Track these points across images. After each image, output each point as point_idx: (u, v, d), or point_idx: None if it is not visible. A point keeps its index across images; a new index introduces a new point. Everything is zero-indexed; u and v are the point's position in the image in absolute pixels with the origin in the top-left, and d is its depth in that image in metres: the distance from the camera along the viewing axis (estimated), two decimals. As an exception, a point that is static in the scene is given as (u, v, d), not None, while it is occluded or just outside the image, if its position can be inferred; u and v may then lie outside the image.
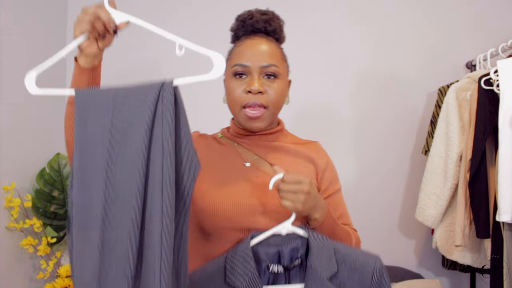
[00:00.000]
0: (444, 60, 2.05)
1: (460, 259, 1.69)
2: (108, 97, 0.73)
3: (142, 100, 0.72)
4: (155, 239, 0.67)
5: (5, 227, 1.65)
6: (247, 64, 0.92)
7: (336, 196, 1.01)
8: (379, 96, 2.08)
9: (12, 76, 1.70)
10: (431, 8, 2.07)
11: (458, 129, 1.67)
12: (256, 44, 0.94)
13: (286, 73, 0.98)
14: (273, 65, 0.92)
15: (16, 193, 1.69)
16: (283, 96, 0.96)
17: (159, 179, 0.69)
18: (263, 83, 0.92)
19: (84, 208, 0.71)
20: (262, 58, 0.92)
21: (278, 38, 1.00)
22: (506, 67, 1.42)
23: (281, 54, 0.98)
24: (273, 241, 0.83)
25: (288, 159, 0.98)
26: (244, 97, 0.92)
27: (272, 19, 0.98)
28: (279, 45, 1.00)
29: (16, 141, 1.73)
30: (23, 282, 1.75)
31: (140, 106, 0.71)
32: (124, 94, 0.73)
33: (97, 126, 0.72)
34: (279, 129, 1.02)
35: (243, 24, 0.98)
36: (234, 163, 0.96)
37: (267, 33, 0.98)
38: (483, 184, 1.54)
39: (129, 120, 0.72)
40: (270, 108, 0.93)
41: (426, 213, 1.75)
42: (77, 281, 0.71)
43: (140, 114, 0.71)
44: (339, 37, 2.09)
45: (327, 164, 1.01)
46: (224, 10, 2.08)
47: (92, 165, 0.72)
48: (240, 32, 0.99)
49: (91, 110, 0.73)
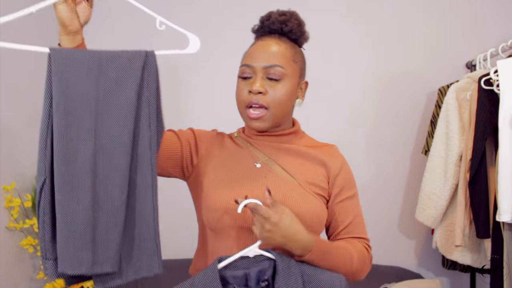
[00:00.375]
0: (444, 60, 2.05)
1: (460, 259, 1.69)
2: (92, 58, 0.76)
3: (128, 63, 0.76)
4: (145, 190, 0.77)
5: (5, 227, 1.65)
6: (252, 65, 0.93)
7: (348, 203, 0.98)
8: (379, 96, 2.08)
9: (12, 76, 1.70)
10: (431, 8, 2.07)
11: (458, 129, 1.67)
12: (265, 45, 0.95)
13: (295, 74, 0.96)
14: (276, 65, 0.92)
15: (16, 193, 1.69)
16: (288, 97, 0.95)
17: (147, 137, 0.76)
18: (266, 83, 0.92)
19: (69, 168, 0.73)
20: (267, 59, 0.93)
21: (296, 39, 0.99)
22: (506, 67, 1.42)
23: (292, 54, 0.96)
24: (241, 264, 0.83)
25: (298, 161, 0.98)
26: (247, 97, 0.93)
27: (290, 19, 0.97)
28: (295, 46, 0.99)
29: (16, 141, 1.73)
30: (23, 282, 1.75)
31: (128, 68, 0.76)
32: (110, 56, 0.77)
33: (82, 85, 0.74)
34: (292, 131, 1.02)
35: (262, 25, 0.99)
36: (245, 163, 0.97)
37: (283, 33, 0.97)
38: (483, 184, 1.54)
39: (116, 80, 0.76)
40: (271, 109, 0.93)
41: (426, 213, 1.75)
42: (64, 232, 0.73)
43: (127, 76, 0.76)
44: (338, 37, 2.09)
45: (340, 169, 0.99)
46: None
47: (78, 123, 0.74)
48: (259, 33, 1.00)
49: (73, 70, 0.74)
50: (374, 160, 2.06)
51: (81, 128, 0.73)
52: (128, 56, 0.77)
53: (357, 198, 1.02)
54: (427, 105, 2.06)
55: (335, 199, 0.97)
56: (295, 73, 0.96)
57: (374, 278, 1.93)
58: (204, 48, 0.91)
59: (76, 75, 0.74)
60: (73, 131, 0.73)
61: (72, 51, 0.77)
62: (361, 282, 0.99)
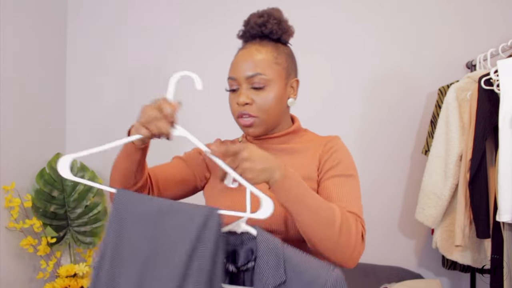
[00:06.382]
0: (444, 60, 2.05)
1: (460, 259, 1.69)
2: (152, 208, 0.74)
3: (188, 222, 0.73)
4: None
5: (5, 227, 1.65)
6: (235, 77, 0.94)
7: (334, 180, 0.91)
8: (379, 96, 2.08)
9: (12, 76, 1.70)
10: (431, 9, 2.07)
11: (458, 129, 1.67)
12: (246, 54, 0.95)
13: (280, 76, 0.95)
14: (258, 74, 0.92)
15: (16, 193, 1.69)
16: (275, 101, 0.94)
17: None
18: (251, 93, 0.93)
19: None
20: (248, 68, 0.93)
21: (279, 38, 0.97)
22: (506, 67, 1.42)
23: (274, 57, 0.94)
24: (233, 239, 0.81)
25: (296, 161, 0.97)
26: (237, 109, 0.95)
27: (268, 20, 0.95)
28: (277, 46, 0.96)
29: (16, 141, 1.73)
30: (23, 282, 1.75)
31: (185, 228, 0.73)
32: (169, 210, 0.74)
33: (135, 235, 0.74)
34: (291, 131, 1.02)
35: (243, 32, 0.99)
36: None
37: (264, 36, 0.96)
38: (483, 184, 1.54)
39: (172, 238, 0.73)
40: (260, 116, 0.94)
41: (426, 213, 1.75)
42: None
43: (184, 236, 0.72)
44: (338, 38, 2.09)
45: (332, 153, 0.95)
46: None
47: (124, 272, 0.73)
48: (243, 38, 1.00)
49: (131, 216, 0.74)
50: (374, 160, 2.06)
51: (125, 277, 0.73)
52: (189, 212, 0.74)
53: (354, 181, 0.94)
54: (427, 105, 2.06)
55: (323, 177, 0.93)
56: (280, 75, 0.95)
57: (374, 278, 1.93)
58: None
59: (131, 222, 0.74)
60: (116, 276, 0.73)
61: (136, 196, 0.77)
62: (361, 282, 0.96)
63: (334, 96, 2.09)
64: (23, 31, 1.79)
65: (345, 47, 2.09)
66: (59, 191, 1.85)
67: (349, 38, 2.09)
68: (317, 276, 0.72)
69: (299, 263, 0.74)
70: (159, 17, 2.15)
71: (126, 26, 2.15)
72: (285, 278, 0.73)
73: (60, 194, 1.85)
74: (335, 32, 2.09)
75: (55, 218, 1.82)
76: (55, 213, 1.83)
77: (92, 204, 1.90)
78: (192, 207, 0.74)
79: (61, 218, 1.84)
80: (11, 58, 1.71)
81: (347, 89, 2.09)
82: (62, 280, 1.73)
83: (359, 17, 2.09)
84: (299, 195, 0.79)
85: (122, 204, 0.75)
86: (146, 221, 0.74)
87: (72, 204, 1.87)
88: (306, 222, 0.79)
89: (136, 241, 0.73)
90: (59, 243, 1.81)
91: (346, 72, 2.09)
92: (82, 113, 2.13)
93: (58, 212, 1.84)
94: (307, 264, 0.74)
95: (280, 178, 0.77)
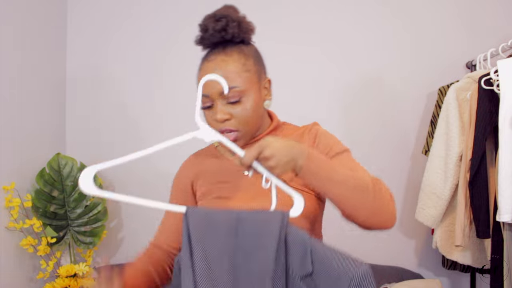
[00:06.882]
0: (444, 60, 2.05)
1: (460, 259, 1.69)
2: (229, 219, 0.75)
3: (266, 227, 0.74)
4: None
5: (5, 227, 1.65)
6: (208, 94, 0.89)
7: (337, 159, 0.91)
8: (379, 96, 2.08)
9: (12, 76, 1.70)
10: (431, 8, 2.07)
11: (458, 129, 1.67)
12: (211, 68, 0.89)
13: (252, 83, 0.91)
14: (231, 88, 0.87)
15: (16, 193, 1.69)
16: (254, 110, 0.91)
17: None
18: (227, 108, 0.89)
19: None
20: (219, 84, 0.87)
21: (242, 40, 0.92)
22: (506, 67, 1.42)
23: (242, 65, 0.90)
24: None
25: None
26: (217, 126, 0.90)
27: (227, 24, 0.89)
28: (242, 50, 0.91)
29: (16, 141, 1.73)
30: (23, 282, 1.75)
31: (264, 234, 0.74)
32: (246, 218, 0.75)
33: (219, 251, 0.74)
34: (272, 129, 1.00)
35: (202, 39, 0.93)
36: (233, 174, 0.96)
37: (227, 41, 0.91)
38: (483, 184, 1.54)
39: (253, 245, 0.73)
40: (242, 129, 0.91)
41: (426, 213, 1.75)
42: None
43: (265, 241, 0.73)
44: (338, 37, 2.09)
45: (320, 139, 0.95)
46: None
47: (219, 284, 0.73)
48: (202, 46, 0.95)
49: (210, 232, 0.74)
50: (374, 160, 2.06)
51: None
52: (265, 218, 0.75)
53: (351, 154, 0.94)
54: (427, 105, 2.06)
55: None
56: (252, 82, 0.91)
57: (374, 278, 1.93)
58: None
59: (212, 240, 0.74)
60: None
61: (209, 212, 0.76)
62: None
63: (334, 95, 2.09)
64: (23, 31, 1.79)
65: (345, 47, 2.09)
66: (59, 191, 1.85)
67: (349, 37, 2.09)
68: (344, 270, 0.71)
69: (326, 255, 0.73)
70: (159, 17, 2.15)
71: (126, 26, 2.15)
72: (312, 269, 0.73)
73: (60, 194, 1.85)
74: (335, 31, 2.09)
75: (55, 218, 1.82)
76: (55, 213, 1.83)
77: (92, 204, 1.90)
78: (267, 213, 0.75)
79: (61, 218, 1.84)
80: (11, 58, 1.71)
81: (347, 88, 2.09)
82: (62, 280, 1.73)
83: (359, 16, 2.09)
84: (327, 173, 0.79)
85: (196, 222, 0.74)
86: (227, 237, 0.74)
87: (72, 204, 1.87)
88: (341, 197, 0.79)
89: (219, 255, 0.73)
90: (59, 243, 1.81)
91: (346, 72, 2.09)
92: (82, 113, 2.13)
93: (58, 212, 1.84)
94: (334, 257, 0.73)
95: (305, 163, 0.77)
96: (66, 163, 1.87)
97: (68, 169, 1.87)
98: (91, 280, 1.80)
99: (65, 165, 1.87)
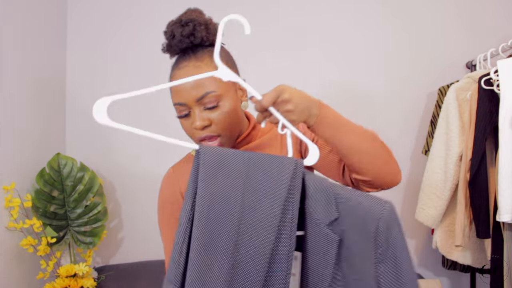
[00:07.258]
0: (444, 60, 2.05)
1: (460, 259, 1.69)
2: (241, 160, 0.72)
3: (278, 172, 0.72)
4: None
5: (5, 227, 1.65)
6: (183, 102, 0.86)
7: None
8: (379, 96, 2.08)
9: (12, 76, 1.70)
10: (431, 8, 2.08)
11: (458, 129, 1.67)
12: (184, 74, 0.87)
13: (227, 86, 0.88)
14: (207, 93, 0.85)
15: (16, 193, 1.69)
16: (232, 113, 0.89)
17: (285, 250, 0.72)
18: (206, 114, 0.87)
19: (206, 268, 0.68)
20: (194, 90, 0.85)
21: (211, 43, 0.90)
22: (506, 67, 1.42)
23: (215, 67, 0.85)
24: None
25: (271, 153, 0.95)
26: (196, 134, 0.88)
27: (195, 29, 0.87)
28: (212, 55, 0.86)
29: (16, 141, 1.73)
30: (23, 282, 1.75)
31: (276, 178, 0.72)
32: (258, 162, 0.73)
33: (228, 188, 0.71)
34: (251, 129, 0.99)
35: (170, 47, 0.90)
36: None
37: (196, 46, 0.89)
38: (483, 184, 1.54)
39: (263, 188, 0.72)
40: (223, 134, 0.89)
41: (426, 213, 1.75)
42: None
43: (275, 186, 0.72)
44: (338, 37, 2.09)
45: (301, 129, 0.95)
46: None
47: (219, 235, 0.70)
48: (170, 54, 0.93)
49: (220, 171, 0.71)
50: (374, 160, 2.06)
51: (221, 241, 0.70)
52: (278, 163, 0.73)
53: None
54: (427, 105, 2.06)
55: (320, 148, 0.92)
56: (228, 85, 0.88)
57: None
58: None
59: (222, 177, 0.71)
60: (212, 244, 0.69)
61: (222, 151, 0.73)
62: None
63: (334, 95, 2.09)
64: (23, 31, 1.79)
65: (346, 46, 2.09)
66: (59, 191, 1.85)
67: (349, 37, 2.09)
68: (370, 209, 0.70)
69: (351, 197, 0.72)
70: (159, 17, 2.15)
71: (126, 26, 2.15)
72: (338, 214, 0.72)
73: (60, 194, 1.85)
74: (335, 31, 2.09)
75: (55, 218, 1.82)
76: (55, 213, 1.83)
77: (92, 204, 1.90)
78: (281, 158, 0.73)
79: (61, 218, 1.84)
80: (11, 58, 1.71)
81: (346, 88, 2.09)
82: (62, 280, 1.73)
83: (360, 16, 2.10)
84: (340, 121, 0.81)
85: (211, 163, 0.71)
86: (236, 173, 0.71)
87: (72, 204, 1.87)
88: (355, 146, 0.82)
89: (229, 194, 0.70)
90: (59, 243, 1.81)
91: (346, 71, 2.09)
92: (82, 113, 2.13)
93: (58, 212, 1.84)
94: (359, 198, 0.72)
95: (319, 112, 0.79)
96: (66, 163, 1.87)
97: (68, 169, 1.87)
98: (91, 280, 1.80)
99: (65, 165, 1.87)
